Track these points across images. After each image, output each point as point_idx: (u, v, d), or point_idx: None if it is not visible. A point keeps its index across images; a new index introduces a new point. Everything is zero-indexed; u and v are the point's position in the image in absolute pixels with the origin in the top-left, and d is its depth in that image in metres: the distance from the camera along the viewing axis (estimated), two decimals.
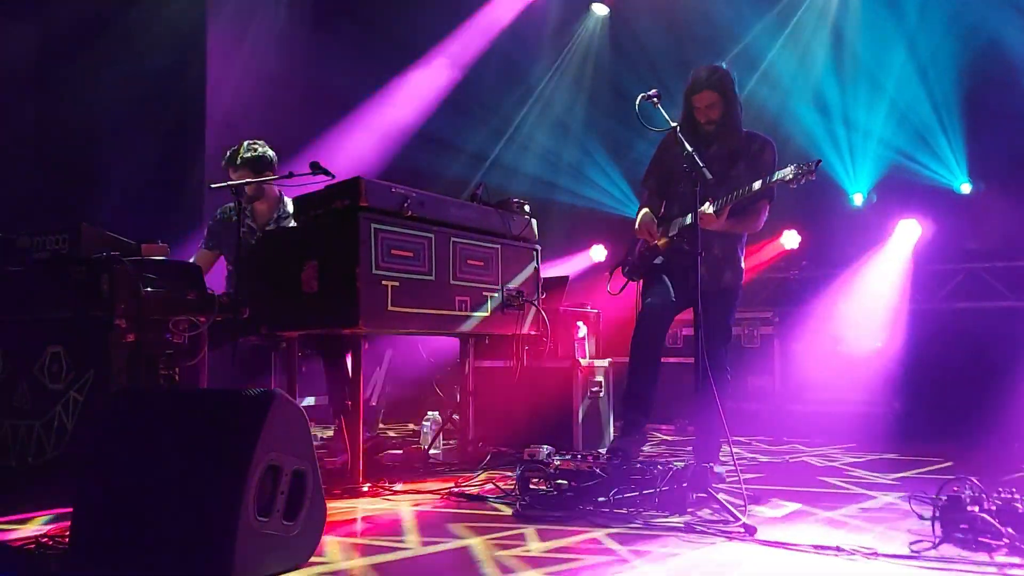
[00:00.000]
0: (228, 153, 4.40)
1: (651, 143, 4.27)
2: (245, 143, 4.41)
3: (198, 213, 6.27)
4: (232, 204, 4.54)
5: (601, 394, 4.90)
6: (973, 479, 2.51)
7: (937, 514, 2.44)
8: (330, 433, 4.83)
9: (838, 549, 2.36)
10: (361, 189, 3.54)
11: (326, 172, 3.75)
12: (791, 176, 3.36)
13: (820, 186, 6.75)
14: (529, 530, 2.73)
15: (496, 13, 8.29)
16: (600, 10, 8.54)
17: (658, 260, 3.91)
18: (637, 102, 3.47)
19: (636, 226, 3.93)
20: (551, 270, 6.89)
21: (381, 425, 6.07)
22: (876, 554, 2.31)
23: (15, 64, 6.82)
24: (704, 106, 3.70)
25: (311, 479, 2.28)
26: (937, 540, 2.37)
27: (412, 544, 2.57)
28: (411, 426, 6.17)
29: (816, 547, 2.40)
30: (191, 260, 4.35)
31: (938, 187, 6.46)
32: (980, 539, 2.35)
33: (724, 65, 3.76)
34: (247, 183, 4.05)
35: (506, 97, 8.65)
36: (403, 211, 3.70)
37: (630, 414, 3.76)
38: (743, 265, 3.94)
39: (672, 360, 5.50)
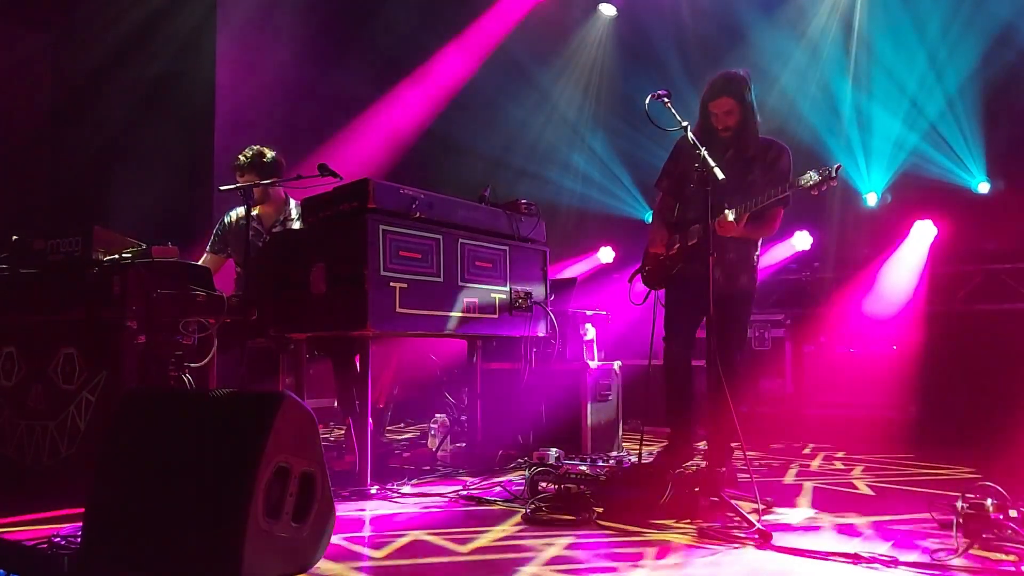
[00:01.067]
0: (236, 158, 4.40)
1: (659, 143, 4.23)
2: (252, 147, 4.41)
3: (207, 216, 6.28)
4: (240, 207, 4.54)
5: (610, 396, 4.86)
6: (997, 486, 2.45)
7: (960, 522, 2.39)
8: (338, 434, 4.81)
9: (856, 557, 2.30)
10: (370, 191, 3.52)
11: (333, 174, 3.74)
12: (812, 183, 3.33)
13: (832, 186, 6.69)
14: (539, 534, 2.70)
15: (503, 14, 8.28)
16: (608, 10, 8.50)
17: (677, 269, 3.86)
18: (647, 102, 3.44)
19: (649, 238, 3.90)
20: (558, 272, 6.86)
21: (388, 427, 6.04)
22: (896, 562, 2.25)
23: (29, 70, 6.87)
24: (722, 112, 3.67)
25: (320, 481, 2.26)
26: (960, 549, 2.31)
27: (424, 548, 2.54)
28: (415, 428, 6.14)
29: (834, 555, 2.35)
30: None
31: (955, 186, 6.36)
32: (1006, 548, 2.29)
33: (742, 72, 3.73)
34: (254, 185, 4.05)
35: (513, 98, 8.62)
36: (411, 212, 3.68)
37: (673, 432, 3.76)
38: (757, 269, 3.90)
39: None
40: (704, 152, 3.24)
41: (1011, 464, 4.21)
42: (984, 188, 6.33)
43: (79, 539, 2.33)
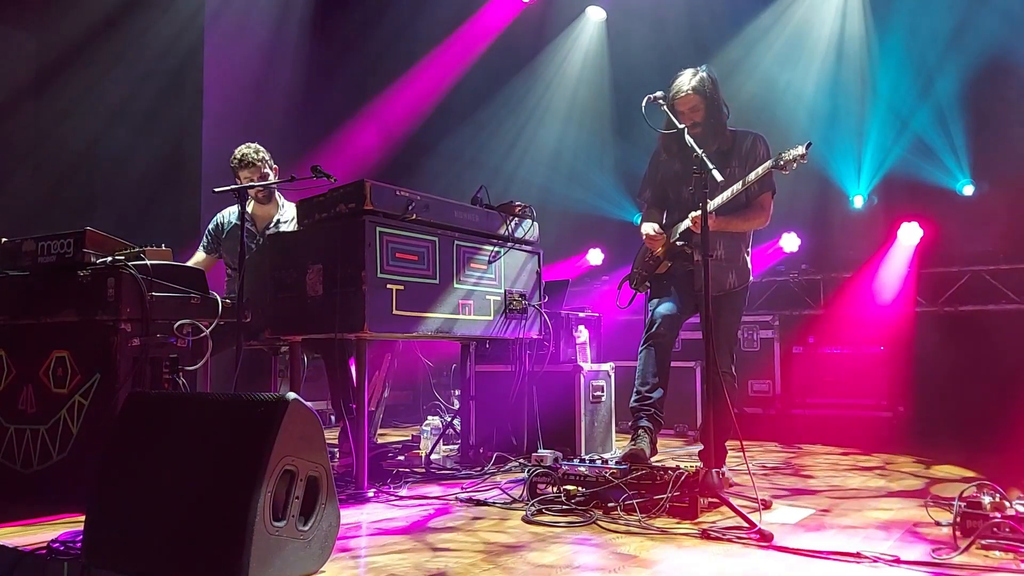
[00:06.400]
0: (239, 154, 4.36)
1: (646, 145, 4.27)
2: (252, 144, 4.38)
3: (195, 217, 6.24)
4: (232, 207, 4.52)
5: (603, 398, 4.87)
6: (995, 484, 2.49)
7: (958, 520, 2.41)
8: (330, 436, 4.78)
9: (859, 556, 2.32)
10: (367, 192, 3.51)
11: (327, 176, 3.72)
12: (782, 163, 3.39)
13: (819, 188, 6.78)
14: (540, 536, 2.69)
15: (492, 17, 8.29)
16: (596, 14, 8.53)
17: (662, 268, 3.91)
18: (643, 104, 3.48)
19: (643, 237, 3.94)
20: (548, 274, 6.84)
21: (380, 430, 6.01)
22: (899, 561, 2.27)
23: (15, 72, 6.80)
24: (687, 109, 3.73)
25: (325, 484, 2.25)
26: (961, 547, 2.34)
27: (424, 551, 2.53)
28: (406, 431, 6.12)
29: (836, 553, 2.36)
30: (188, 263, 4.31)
31: (940, 188, 6.45)
32: (1005, 546, 2.32)
33: (704, 67, 3.78)
34: (251, 186, 4.03)
35: (501, 102, 8.63)
36: (407, 214, 3.67)
37: (641, 422, 3.74)
38: (750, 266, 3.93)
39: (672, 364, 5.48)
40: (702, 154, 3.26)
41: (1001, 461, 4.27)
42: (968, 190, 6.42)
43: (78, 544, 2.30)
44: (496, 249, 4.16)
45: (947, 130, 6.39)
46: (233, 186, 3.97)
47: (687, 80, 3.72)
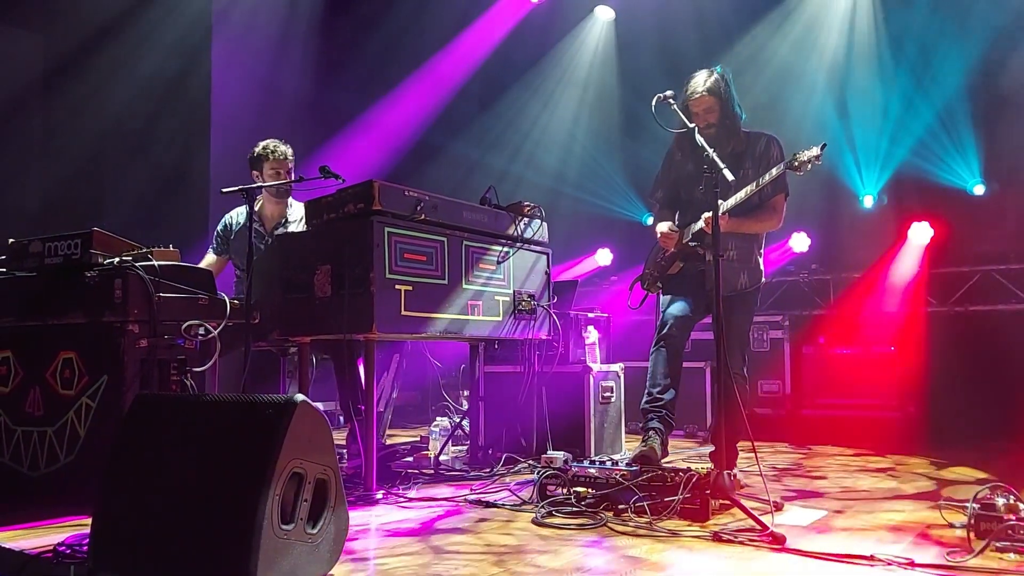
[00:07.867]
0: (271, 144, 4.35)
1: (655, 143, 4.25)
2: (278, 141, 4.39)
3: (203, 218, 6.24)
4: (241, 207, 4.52)
5: (613, 399, 4.85)
6: (1008, 486, 2.46)
7: (971, 522, 2.38)
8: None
9: (872, 558, 2.29)
10: (375, 193, 3.50)
11: (336, 176, 3.71)
12: (796, 164, 3.37)
13: (829, 188, 6.75)
14: (550, 539, 2.68)
15: (500, 17, 8.28)
16: (605, 14, 8.51)
17: (674, 268, 3.90)
18: (653, 104, 3.46)
19: (658, 236, 3.93)
20: (557, 274, 6.84)
21: (388, 431, 6.00)
22: (913, 564, 2.25)
23: (22, 72, 6.82)
24: (702, 111, 3.72)
25: (334, 487, 2.24)
26: (975, 549, 2.31)
27: (433, 553, 2.52)
28: (415, 432, 6.11)
29: (849, 556, 2.34)
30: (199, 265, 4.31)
31: (950, 188, 6.42)
32: (1020, 548, 2.29)
33: (719, 68, 3.77)
34: (258, 186, 4.04)
35: (509, 102, 8.62)
36: (416, 215, 3.66)
37: (652, 423, 3.72)
38: (762, 267, 3.91)
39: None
40: (713, 153, 3.24)
41: (1013, 462, 4.24)
42: (979, 190, 6.38)
43: (85, 548, 2.29)
44: (505, 249, 4.15)
45: (957, 129, 6.35)
46: (240, 187, 3.96)
47: (702, 81, 3.71)
